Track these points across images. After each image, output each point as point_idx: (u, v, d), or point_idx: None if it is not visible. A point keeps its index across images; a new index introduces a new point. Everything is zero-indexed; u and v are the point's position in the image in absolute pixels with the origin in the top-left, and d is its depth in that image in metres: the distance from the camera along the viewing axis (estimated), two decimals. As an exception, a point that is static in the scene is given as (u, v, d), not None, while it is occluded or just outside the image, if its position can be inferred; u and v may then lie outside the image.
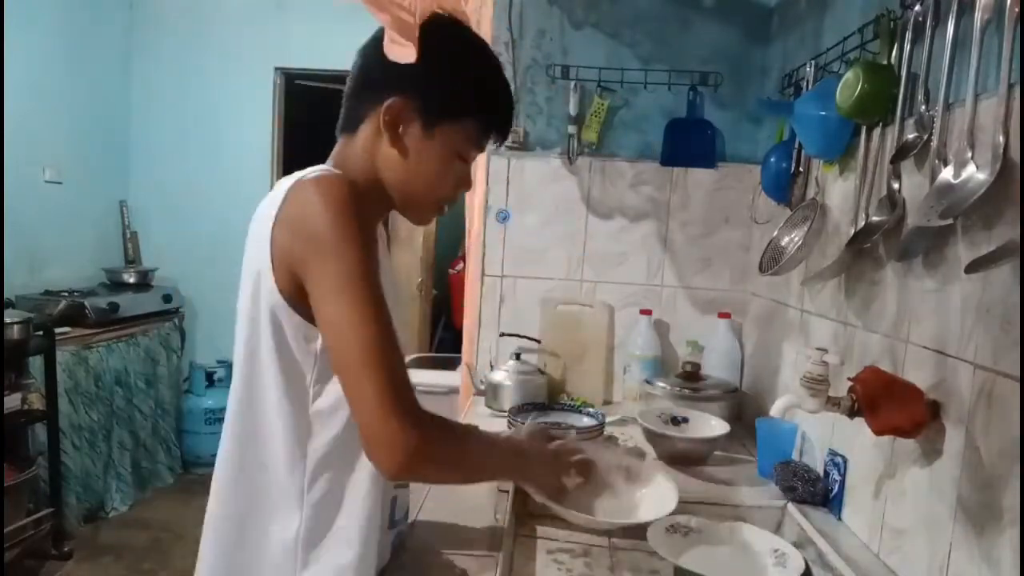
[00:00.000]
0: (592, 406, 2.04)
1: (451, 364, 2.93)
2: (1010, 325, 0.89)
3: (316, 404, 0.89)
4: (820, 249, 1.49)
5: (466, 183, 0.99)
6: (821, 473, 1.40)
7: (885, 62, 1.24)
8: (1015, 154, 0.89)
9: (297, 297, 0.84)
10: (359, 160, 0.93)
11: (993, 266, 0.87)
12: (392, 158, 0.92)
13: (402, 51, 0.87)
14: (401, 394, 0.80)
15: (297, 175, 0.87)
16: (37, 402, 2.88)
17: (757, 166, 1.87)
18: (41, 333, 2.87)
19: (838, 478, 1.33)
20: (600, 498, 1.19)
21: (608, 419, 1.76)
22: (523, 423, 1.41)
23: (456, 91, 0.92)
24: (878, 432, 1.09)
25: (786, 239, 1.57)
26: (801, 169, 1.65)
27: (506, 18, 2.06)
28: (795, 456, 1.53)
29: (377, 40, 0.91)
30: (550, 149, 2.10)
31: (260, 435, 0.89)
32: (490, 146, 1.04)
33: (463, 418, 1.92)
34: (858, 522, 1.27)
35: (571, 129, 2.05)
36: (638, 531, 1.17)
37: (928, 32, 1.13)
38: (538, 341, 2.10)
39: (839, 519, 1.32)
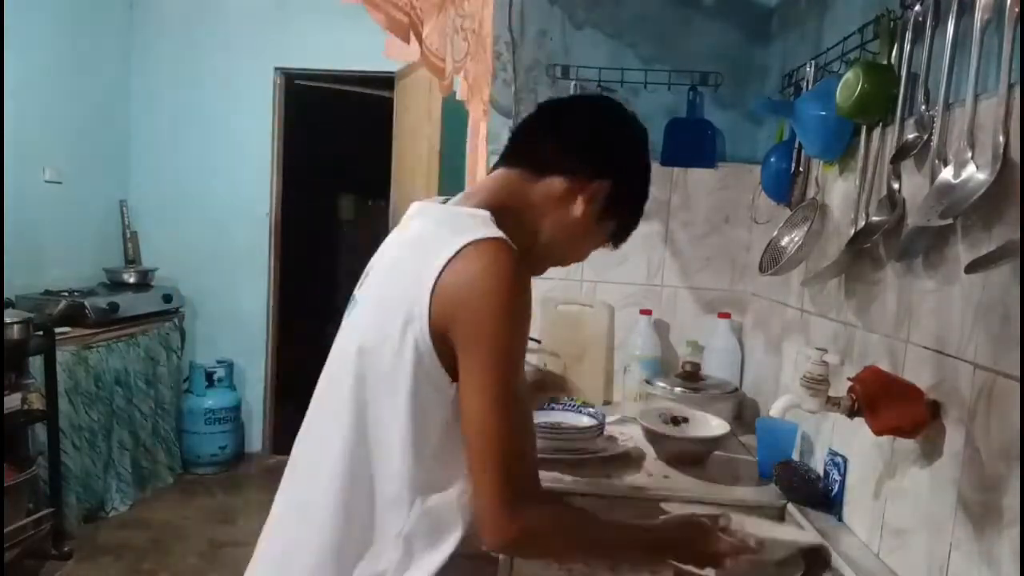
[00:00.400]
0: (592, 405, 2.04)
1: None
2: (1010, 325, 0.89)
3: (438, 452, 0.91)
4: (820, 249, 1.49)
5: (581, 259, 1.09)
6: (821, 473, 1.40)
7: (885, 62, 1.24)
8: (1015, 154, 0.89)
9: (442, 349, 0.87)
10: (530, 205, 0.98)
11: (993, 266, 0.87)
12: (566, 223, 0.98)
13: (401, 50, 0.87)
14: (517, 486, 0.85)
15: (471, 232, 0.87)
16: (37, 402, 2.87)
17: (757, 166, 1.87)
18: (41, 333, 2.87)
19: (838, 478, 1.33)
20: None
21: (608, 419, 1.76)
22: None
23: (639, 194, 1.04)
24: (878, 432, 1.09)
25: (786, 239, 1.57)
26: (801, 169, 1.65)
27: (507, 18, 2.06)
28: (795, 456, 1.53)
29: (586, 106, 1.06)
30: (550, 149, 2.10)
31: (375, 472, 0.91)
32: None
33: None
34: (858, 522, 1.27)
35: (571, 129, 2.05)
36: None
37: (928, 32, 1.13)
38: (538, 341, 2.10)
39: (839, 519, 1.32)
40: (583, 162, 0.97)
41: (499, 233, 0.88)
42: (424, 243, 0.91)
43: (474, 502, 0.88)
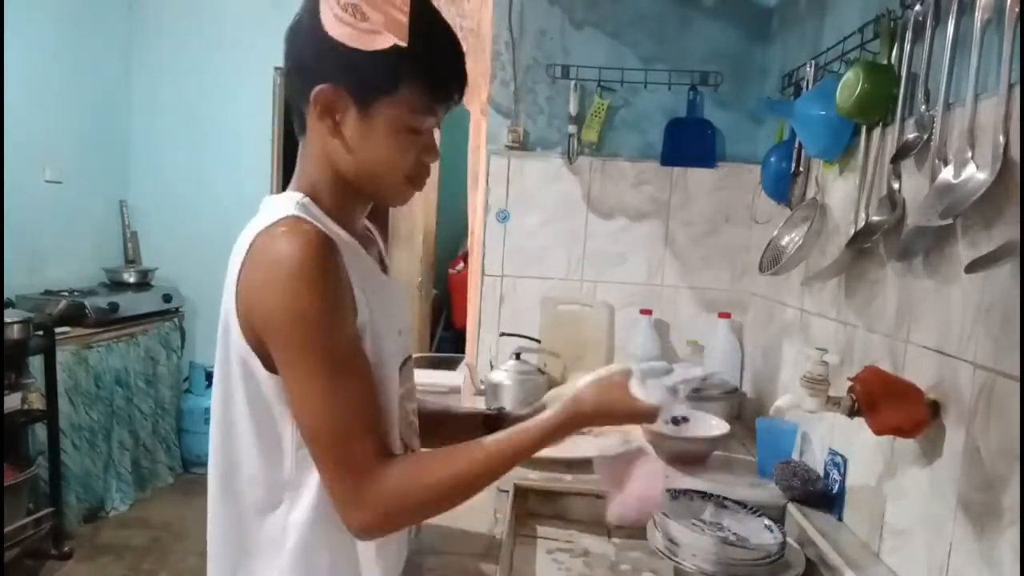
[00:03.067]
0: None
1: (451, 364, 2.93)
2: (1010, 325, 0.89)
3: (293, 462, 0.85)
4: (820, 249, 1.49)
5: (430, 153, 0.88)
6: (821, 473, 1.40)
7: (885, 62, 1.24)
8: (1015, 154, 0.89)
9: (263, 351, 0.81)
10: (317, 159, 0.87)
11: (993, 266, 0.87)
12: (339, 150, 0.84)
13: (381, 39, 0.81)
14: (357, 470, 0.79)
15: (265, 218, 0.82)
16: (37, 402, 2.87)
17: (757, 166, 1.87)
18: (41, 333, 2.87)
19: (838, 478, 1.33)
20: None
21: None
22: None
23: (378, 62, 0.80)
24: (878, 432, 1.09)
25: (786, 239, 1.57)
26: (801, 169, 1.65)
27: (506, 18, 2.06)
28: (795, 456, 1.53)
29: (296, 26, 0.85)
30: (550, 149, 2.10)
31: (239, 476, 0.87)
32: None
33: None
34: (858, 522, 1.27)
35: (571, 129, 2.05)
36: (638, 530, 1.17)
37: (928, 32, 1.13)
38: (538, 341, 2.10)
39: (839, 519, 1.32)
40: (300, 92, 0.84)
41: (287, 212, 0.81)
42: (239, 243, 0.85)
43: (331, 501, 0.81)
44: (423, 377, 2.75)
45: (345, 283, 0.81)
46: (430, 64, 0.83)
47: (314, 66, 0.83)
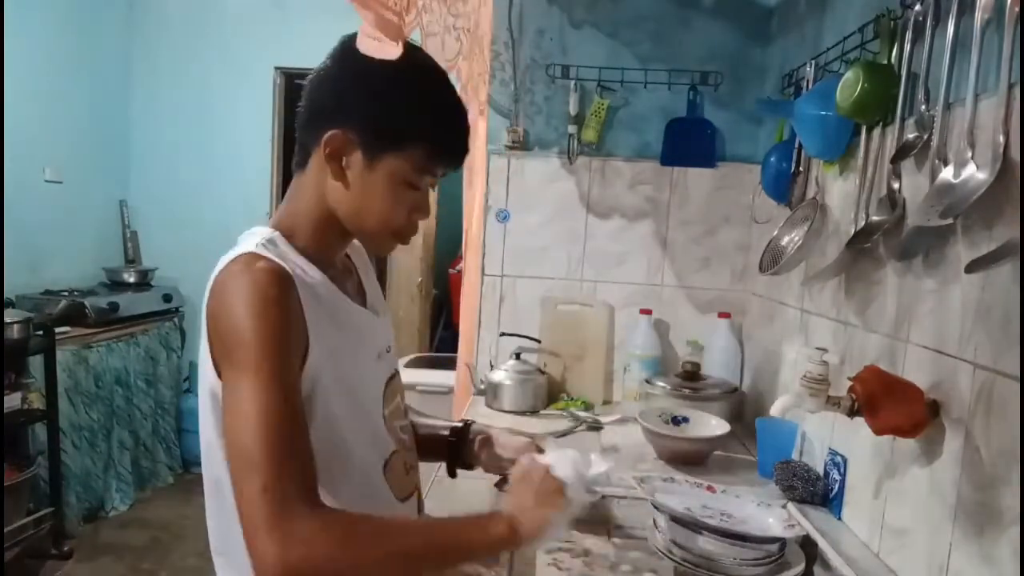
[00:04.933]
0: (592, 407, 2.04)
1: (451, 364, 2.93)
2: (1010, 325, 0.89)
3: None
4: (820, 249, 1.49)
5: (421, 211, 0.94)
6: (821, 473, 1.40)
7: (885, 62, 1.24)
8: (1015, 154, 0.89)
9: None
10: (310, 196, 0.91)
11: (993, 266, 0.87)
12: (338, 191, 0.89)
13: (383, 48, 0.86)
14: (290, 502, 0.74)
15: (230, 255, 0.86)
16: (37, 402, 2.87)
17: (757, 166, 1.87)
18: (41, 333, 2.87)
19: (838, 478, 1.33)
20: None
21: (608, 419, 1.76)
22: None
23: (393, 119, 0.88)
24: (878, 432, 1.09)
25: (786, 239, 1.57)
26: (801, 169, 1.65)
27: (506, 18, 2.06)
28: (795, 456, 1.53)
29: (321, 73, 0.91)
30: (550, 149, 2.10)
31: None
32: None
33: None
34: (858, 522, 1.27)
35: (571, 129, 2.05)
36: (638, 530, 1.17)
37: (928, 32, 1.13)
38: (538, 341, 2.10)
39: (839, 519, 1.32)
40: (312, 132, 0.89)
41: (248, 248, 0.85)
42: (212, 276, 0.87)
43: (241, 527, 0.75)
44: (423, 377, 2.77)
45: (294, 317, 0.83)
46: (438, 132, 0.90)
47: (332, 111, 0.88)
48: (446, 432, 1.16)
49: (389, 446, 0.97)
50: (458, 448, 1.15)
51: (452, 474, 1.18)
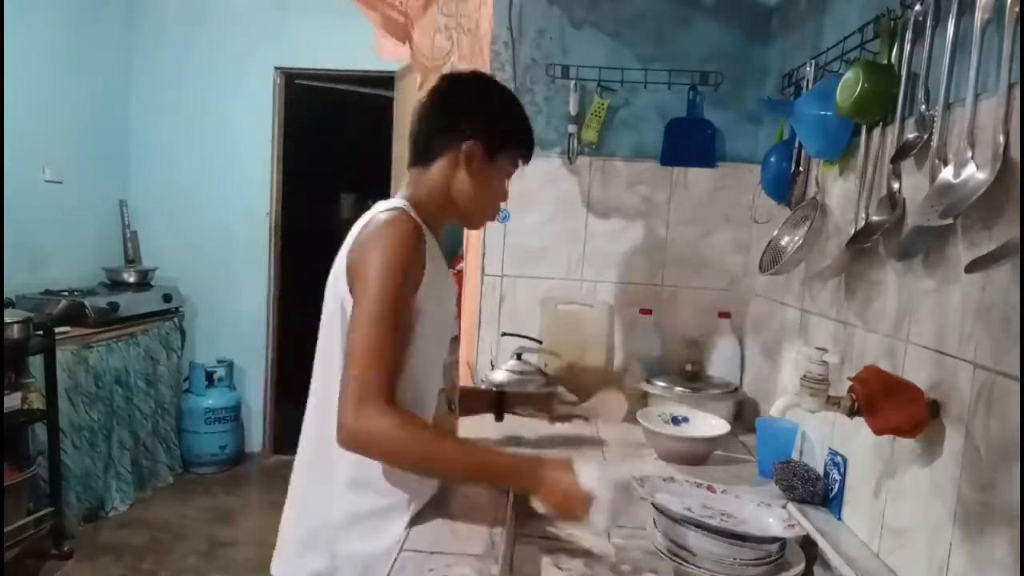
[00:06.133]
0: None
1: (451, 364, 2.93)
2: (1010, 325, 0.89)
3: None
4: (820, 249, 1.49)
5: (505, 196, 1.33)
6: (821, 473, 1.40)
7: (885, 62, 1.24)
8: (1015, 154, 0.89)
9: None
10: (435, 188, 1.23)
11: (993, 266, 0.87)
12: (466, 184, 1.23)
13: (395, 50, 0.91)
14: (369, 390, 1.03)
15: (379, 207, 1.18)
16: (37, 402, 2.88)
17: (757, 166, 1.87)
18: (41, 333, 2.87)
19: (838, 478, 1.33)
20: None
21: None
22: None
23: (505, 131, 1.26)
24: (878, 432, 1.09)
25: (786, 239, 1.57)
26: (801, 169, 1.65)
27: (506, 17, 2.06)
28: (795, 456, 1.53)
29: (441, 93, 1.28)
30: (550, 149, 2.10)
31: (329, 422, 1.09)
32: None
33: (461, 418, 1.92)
34: (858, 522, 1.27)
35: (571, 129, 2.05)
36: (638, 530, 1.17)
37: (928, 32, 1.13)
38: (539, 342, 2.10)
39: (839, 519, 1.32)
40: (443, 140, 1.22)
41: (399, 204, 1.18)
42: (354, 230, 1.18)
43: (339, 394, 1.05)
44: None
45: (420, 263, 1.13)
46: (526, 133, 1.31)
47: (463, 127, 1.22)
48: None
49: (439, 382, 1.25)
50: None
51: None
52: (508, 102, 1.31)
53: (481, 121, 1.23)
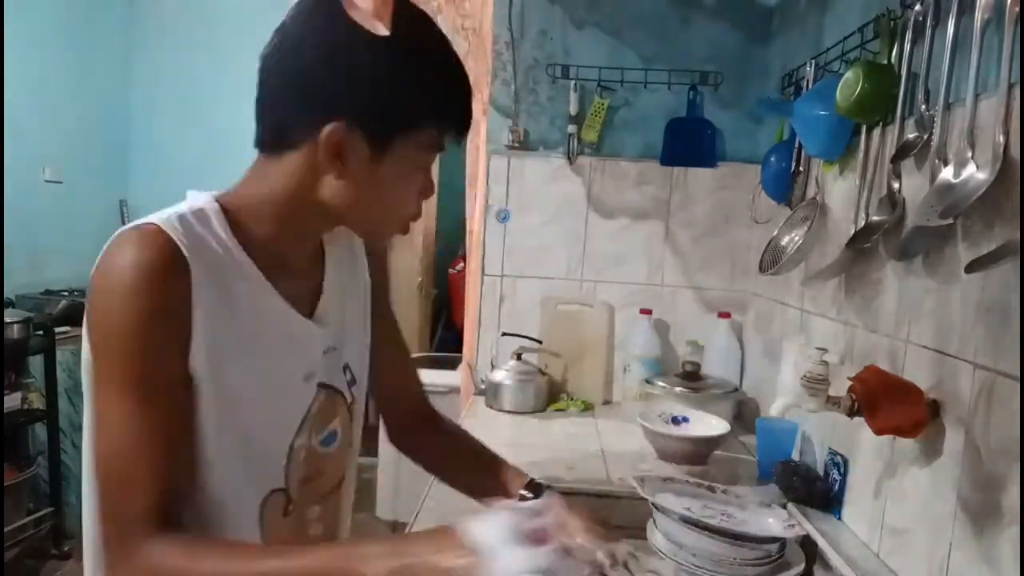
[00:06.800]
0: (592, 407, 2.05)
1: (451, 364, 2.93)
2: (1010, 325, 0.89)
3: None
4: (820, 249, 1.49)
5: (428, 190, 0.82)
6: (821, 473, 1.40)
7: (885, 62, 1.24)
8: (1015, 154, 0.89)
9: None
10: (285, 185, 0.78)
11: (993, 266, 0.87)
12: (340, 189, 0.76)
13: (373, 20, 0.73)
14: (122, 520, 0.70)
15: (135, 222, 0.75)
16: (37, 401, 2.87)
17: (757, 166, 1.87)
18: (41, 332, 2.87)
19: (838, 478, 1.33)
20: None
21: (607, 419, 1.76)
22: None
23: (402, 99, 0.73)
24: (878, 432, 1.09)
25: (786, 239, 1.57)
26: (801, 169, 1.65)
27: (507, 17, 2.06)
28: (795, 456, 1.53)
29: (294, 42, 0.77)
30: (551, 149, 2.10)
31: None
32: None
33: (462, 418, 1.92)
34: (858, 522, 1.27)
35: (571, 129, 2.05)
36: (638, 530, 1.17)
37: (928, 32, 1.13)
38: (539, 342, 2.10)
39: (839, 519, 1.32)
40: (294, 117, 0.75)
41: (149, 220, 0.74)
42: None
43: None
44: (423, 377, 2.76)
45: (177, 311, 0.72)
46: (450, 105, 0.79)
47: (326, 98, 0.73)
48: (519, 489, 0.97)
49: (273, 482, 0.82)
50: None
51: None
52: (410, 47, 0.74)
53: (355, 88, 0.73)
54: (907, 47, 1.17)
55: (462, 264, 4.45)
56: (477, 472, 1.02)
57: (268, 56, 0.79)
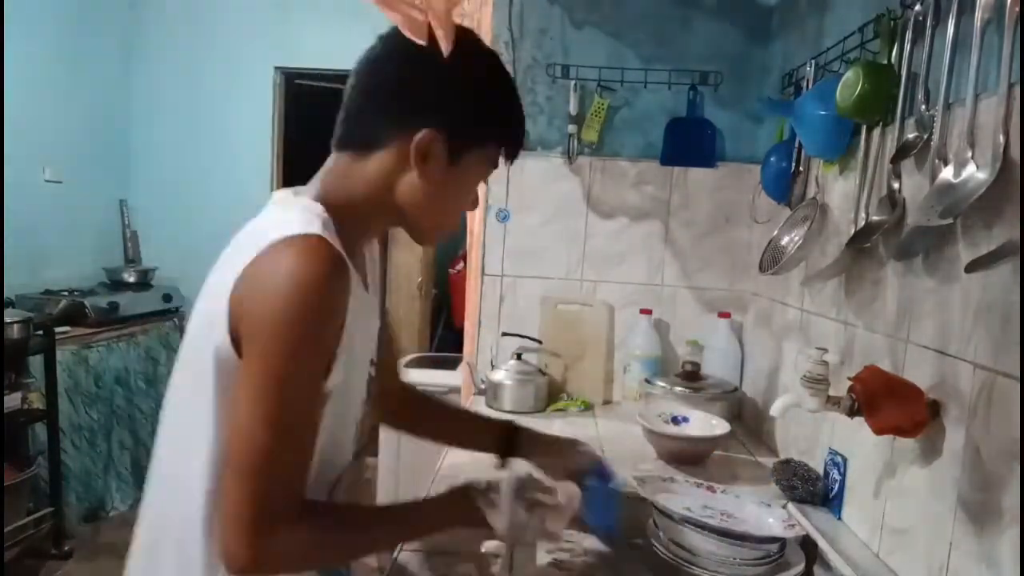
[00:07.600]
0: (592, 407, 2.04)
1: (451, 364, 2.93)
2: (1010, 325, 0.89)
3: None
4: (820, 249, 1.49)
5: (475, 202, 1.00)
6: (821, 473, 1.40)
7: (885, 62, 1.23)
8: (1015, 154, 0.89)
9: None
10: (370, 186, 0.88)
11: (993, 266, 0.87)
12: (417, 187, 0.88)
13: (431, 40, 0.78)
14: (262, 508, 0.76)
15: (287, 227, 0.79)
16: (37, 401, 2.88)
17: (757, 166, 1.87)
18: (41, 332, 2.87)
19: (838, 478, 1.33)
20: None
21: (607, 419, 1.75)
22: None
23: (480, 117, 0.89)
24: (878, 432, 1.09)
25: (786, 239, 1.57)
26: (801, 169, 1.65)
27: (506, 17, 2.06)
28: (795, 456, 1.53)
29: (393, 55, 0.87)
30: (550, 148, 2.10)
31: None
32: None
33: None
34: (858, 522, 1.27)
35: (571, 128, 2.05)
36: (638, 530, 1.17)
37: (928, 32, 1.13)
38: (539, 342, 2.10)
39: (839, 519, 1.32)
40: (389, 124, 0.87)
41: (313, 229, 0.79)
42: (247, 237, 0.85)
43: (218, 517, 0.78)
44: (424, 377, 2.77)
45: (341, 313, 0.80)
46: (515, 128, 0.95)
47: (416, 107, 0.86)
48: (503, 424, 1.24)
49: (346, 456, 0.96)
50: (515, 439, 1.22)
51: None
52: (486, 71, 0.91)
53: (447, 103, 0.86)
54: (907, 47, 1.17)
55: (462, 264, 4.45)
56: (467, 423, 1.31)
57: (366, 65, 0.89)
